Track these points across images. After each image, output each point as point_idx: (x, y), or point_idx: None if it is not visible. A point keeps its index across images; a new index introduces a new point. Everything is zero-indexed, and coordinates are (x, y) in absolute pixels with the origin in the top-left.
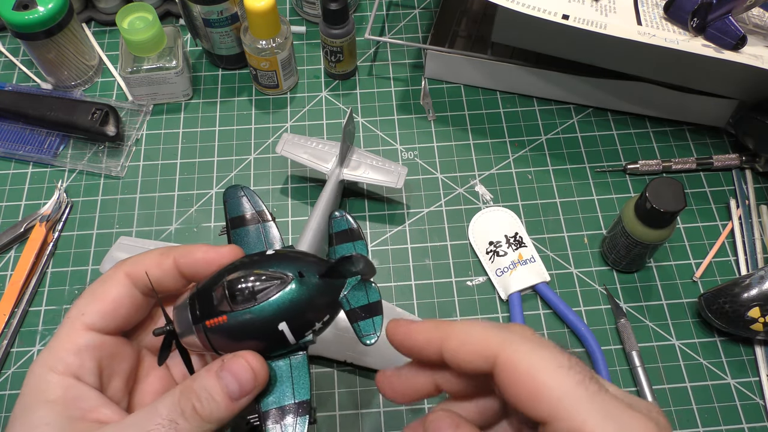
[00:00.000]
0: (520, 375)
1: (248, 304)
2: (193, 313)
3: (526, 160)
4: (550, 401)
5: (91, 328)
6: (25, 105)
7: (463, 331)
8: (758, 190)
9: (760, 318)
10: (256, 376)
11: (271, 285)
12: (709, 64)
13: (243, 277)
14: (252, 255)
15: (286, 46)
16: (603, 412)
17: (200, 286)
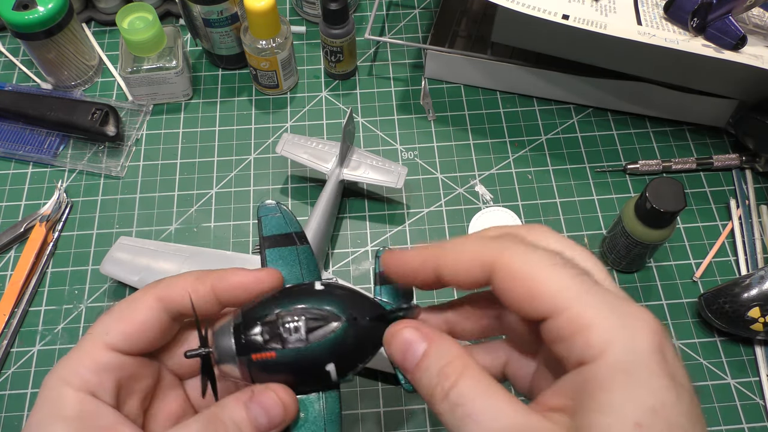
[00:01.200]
0: (516, 276)
1: (300, 344)
2: (238, 344)
3: (526, 160)
4: (549, 295)
5: (114, 348)
6: (25, 105)
7: (458, 247)
8: (758, 190)
9: (760, 318)
10: (286, 411)
11: (325, 327)
12: (709, 64)
13: (296, 315)
14: (300, 286)
15: (286, 46)
16: (602, 302)
17: (246, 314)
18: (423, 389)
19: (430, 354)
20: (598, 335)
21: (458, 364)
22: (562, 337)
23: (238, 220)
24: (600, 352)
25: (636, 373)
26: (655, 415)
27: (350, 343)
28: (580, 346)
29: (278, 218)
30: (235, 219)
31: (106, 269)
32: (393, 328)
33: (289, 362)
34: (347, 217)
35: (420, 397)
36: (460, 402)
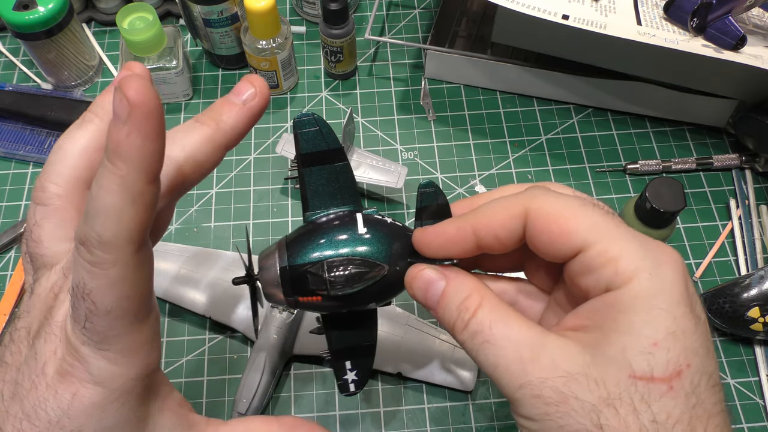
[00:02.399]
0: (551, 217)
1: (345, 289)
2: (285, 288)
3: (526, 160)
4: (583, 230)
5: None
6: (26, 105)
7: (489, 207)
8: (758, 190)
9: (760, 318)
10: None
11: (369, 274)
12: (708, 64)
13: (343, 265)
14: (343, 224)
15: (286, 46)
16: (630, 236)
17: (292, 256)
18: (446, 323)
19: (450, 290)
20: (627, 264)
21: (476, 296)
22: (592, 268)
23: (238, 220)
24: (627, 279)
25: (659, 299)
26: (674, 338)
27: (391, 283)
28: (609, 275)
29: (315, 132)
30: (235, 219)
31: None
32: (414, 270)
33: (333, 305)
34: None
35: (419, 397)
36: (479, 329)
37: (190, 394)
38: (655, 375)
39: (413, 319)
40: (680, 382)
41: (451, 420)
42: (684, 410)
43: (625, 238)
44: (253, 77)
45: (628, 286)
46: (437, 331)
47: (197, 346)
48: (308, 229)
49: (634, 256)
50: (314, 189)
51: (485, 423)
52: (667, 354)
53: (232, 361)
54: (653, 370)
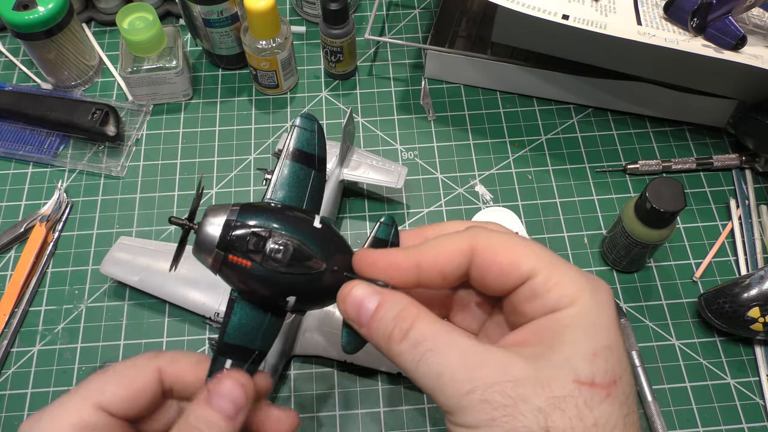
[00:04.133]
0: (497, 251)
1: (277, 267)
2: (222, 238)
3: (526, 160)
4: (529, 260)
5: (105, 409)
6: (25, 105)
7: (435, 243)
8: (758, 190)
9: (760, 318)
10: (245, 390)
11: (307, 266)
12: (709, 64)
13: (287, 241)
14: (301, 213)
15: (286, 46)
16: (569, 266)
17: (243, 212)
18: (379, 337)
19: (384, 304)
20: (571, 288)
21: (413, 309)
22: (538, 294)
23: None
24: (572, 300)
25: (598, 317)
26: (609, 351)
27: (320, 287)
28: (555, 298)
29: (311, 135)
30: None
31: (106, 269)
32: (346, 287)
33: (257, 277)
34: (347, 217)
35: (419, 397)
36: (421, 339)
37: None
38: (596, 381)
39: None
40: (616, 391)
41: None
42: (619, 416)
43: (566, 266)
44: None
45: (572, 306)
46: None
47: (197, 346)
48: (268, 205)
49: (577, 281)
50: (285, 182)
51: None
52: (606, 364)
53: None
54: (594, 376)
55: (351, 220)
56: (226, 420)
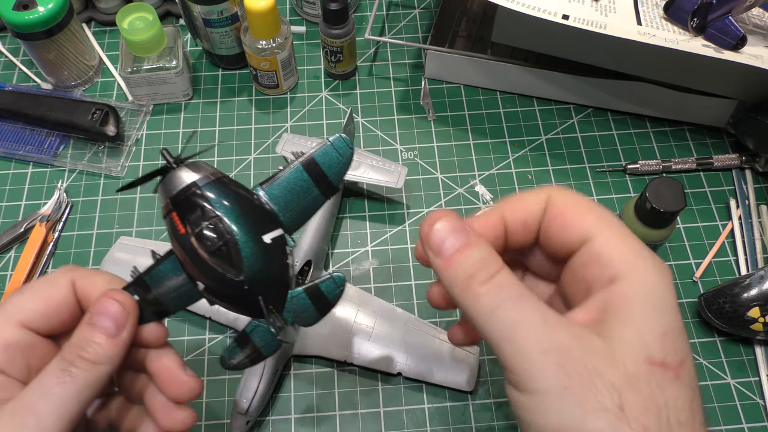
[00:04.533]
0: (569, 203)
1: (198, 248)
2: (177, 193)
3: (526, 160)
4: (593, 219)
5: (26, 326)
6: (25, 105)
7: (517, 197)
8: (758, 190)
9: (760, 318)
10: (125, 308)
11: (225, 268)
12: (709, 64)
13: (223, 236)
14: (261, 220)
15: (286, 46)
16: (633, 236)
17: (212, 186)
18: (459, 273)
19: (474, 245)
20: (632, 257)
21: (499, 259)
22: (598, 257)
23: None
24: (633, 270)
25: (663, 296)
26: (677, 332)
27: (230, 295)
28: (616, 264)
29: (337, 158)
30: None
31: (106, 269)
32: (434, 215)
33: (181, 245)
34: (347, 217)
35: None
36: (505, 285)
37: None
38: (667, 361)
39: (413, 319)
40: (683, 373)
41: (451, 420)
42: (686, 399)
43: (629, 235)
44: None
45: (633, 277)
46: (437, 331)
47: (197, 346)
48: (242, 193)
49: (638, 252)
50: (282, 183)
51: (485, 423)
52: (674, 344)
53: None
54: (665, 356)
55: (351, 220)
56: (108, 338)
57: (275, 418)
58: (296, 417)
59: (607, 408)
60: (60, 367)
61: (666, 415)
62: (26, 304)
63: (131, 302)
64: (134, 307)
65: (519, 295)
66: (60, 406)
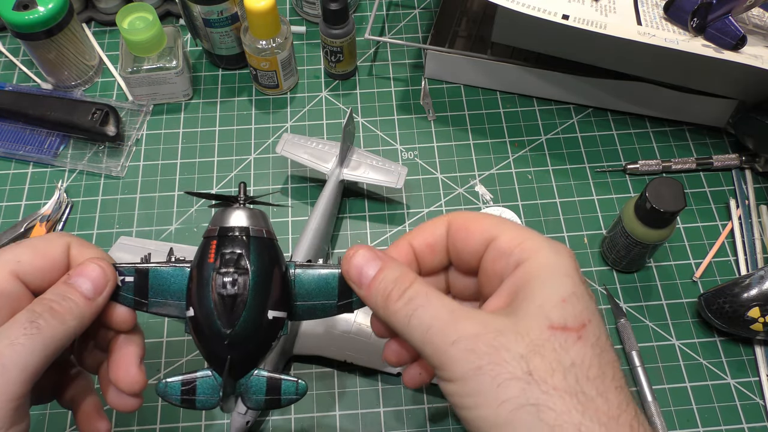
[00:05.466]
0: (467, 220)
1: (209, 289)
2: (224, 230)
3: (526, 160)
4: (492, 224)
5: (19, 277)
6: (26, 105)
7: (420, 227)
8: (758, 190)
9: (759, 318)
10: (104, 272)
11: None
12: (709, 64)
13: (234, 292)
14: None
15: (286, 46)
16: (530, 229)
17: (256, 243)
18: (378, 296)
19: (386, 267)
20: (533, 243)
21: (411, 274)
22: (504, 252)
23: None
24: (534, 252)
25: (561, 268)
26: (576, 298)
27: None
28: (518, 252)
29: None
30: None
31: None
32: (350, 251)
33: (200, 272)
34: (347, 217)
35: (419, 397)
36: (415, 296)
37: None
38: (568, 325)
39: None
40: (586, 333)
41: (451, 420)
42: (593, 356)
43: (527, 229)
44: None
45: (535, 258)
46: None
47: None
48: (278, 265)
49: (537, 239)
50: (317, 280)
51: None
52: (573, 309)
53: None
54: (566, 321)
55: (351, 220)
56: (83, 298)
57: (275, 418)
58: (296, 417)
59: (518, 376)
60: (29, 319)
61: (574, 373)
62: (23, 256)
63: (113, 273)
64: (115, 278)
65: (427, 301)
66: (25, 356)
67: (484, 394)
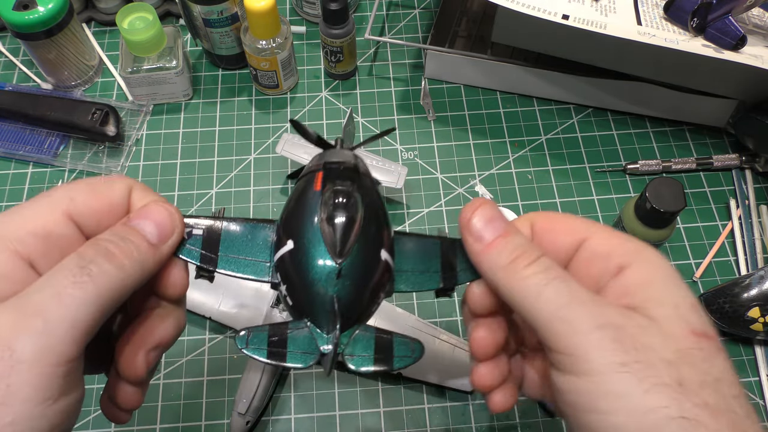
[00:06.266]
0: (554, 219)
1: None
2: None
3: (526, 160)
4: (581, 223)
5: (73, 219)
6: (26, 105)
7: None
8: (758, 190)
9: (760, 318)
10: (173, 220)
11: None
12: (709, 64)
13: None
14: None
15: (286, 46)
16: (619, 231)
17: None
18: (502, 254)
19: (514, 231)
20: (631, 246)
21: (538, 248)
22: (599, 253)
23: None
24: (637, 255)
25: (672, 273)
26: (698, 305)
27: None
28: (618, 256)
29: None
30: None
31: None
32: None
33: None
34: None
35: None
36: (552, 266)
37: (190, 394)
38: (708, 332)
39: (413, 320)
40: (717, 344)
41: (451, 420)
42: (732, 372)
43: (616, 230)
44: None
45: (642, 261)
46: (437, 332)
47: (197, 346)
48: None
49: (633, 241)
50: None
51: (485, 423)
52: (703, 317)
53: (232, 361)
54: (705, 328)
55: None
56: (146, 243)
57: (275, 418)
58: (296, 417)
59: (667, 383)
60: (78, 264)
61: (721, 389)
62: (78, 194)
63: (180, 219)
64: (182, 225)
65: (565, 275)
66: (74, 310)
67: (626, 397)
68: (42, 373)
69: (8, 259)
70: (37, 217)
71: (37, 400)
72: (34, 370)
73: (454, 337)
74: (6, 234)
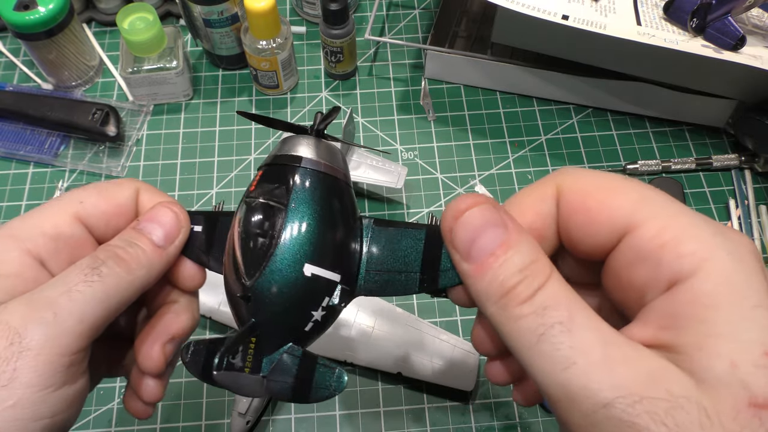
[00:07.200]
0: (586, 191)
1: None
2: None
3: (526, 160)
4: (628, 203)
5: (83, 220)
6: (26, 105)
7: (518, 197)
8: (757, 190)
9: None
10: (179, 220)
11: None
12: (708, 64)
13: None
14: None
15: (286, 46)
16: (691, 212)
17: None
18: (494, 284)
19: (514, 243)
20: (697, 244)
21: (547, 263)
22: (646, 253)
23: None
24: (703, 261)
25: (750, 290)
26: (764, 358)
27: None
28: (672, 259)
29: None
30: None
31: None
32: (462, 201)
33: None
34: None
35: (419, 397)
36: (552, 305)
37: (190, 394)
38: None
39: (413, 319)
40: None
41: (451, 420)
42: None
43: (684, 212)
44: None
45: (706, 272)
46: (437, 331)
47: None
48: (338, 208)
49: (702, 234)
50: (394, 239)
51: (485, 423)
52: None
53: None
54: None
55: None
56: (152, 246)
57: (275, 418)
58: (296, 417)
59: None
60: (90, 265)
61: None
62: (87, 197)
63: (186, 220)
64: (188, 225)
65: (570, 319)
66: (83, 306)
67: None
68: (47, 361)
69: (21, 258)
70: (48, 219)
71: (40, 386)
72: (40, 358)
73: (454, 337)
74: (19, 234)
